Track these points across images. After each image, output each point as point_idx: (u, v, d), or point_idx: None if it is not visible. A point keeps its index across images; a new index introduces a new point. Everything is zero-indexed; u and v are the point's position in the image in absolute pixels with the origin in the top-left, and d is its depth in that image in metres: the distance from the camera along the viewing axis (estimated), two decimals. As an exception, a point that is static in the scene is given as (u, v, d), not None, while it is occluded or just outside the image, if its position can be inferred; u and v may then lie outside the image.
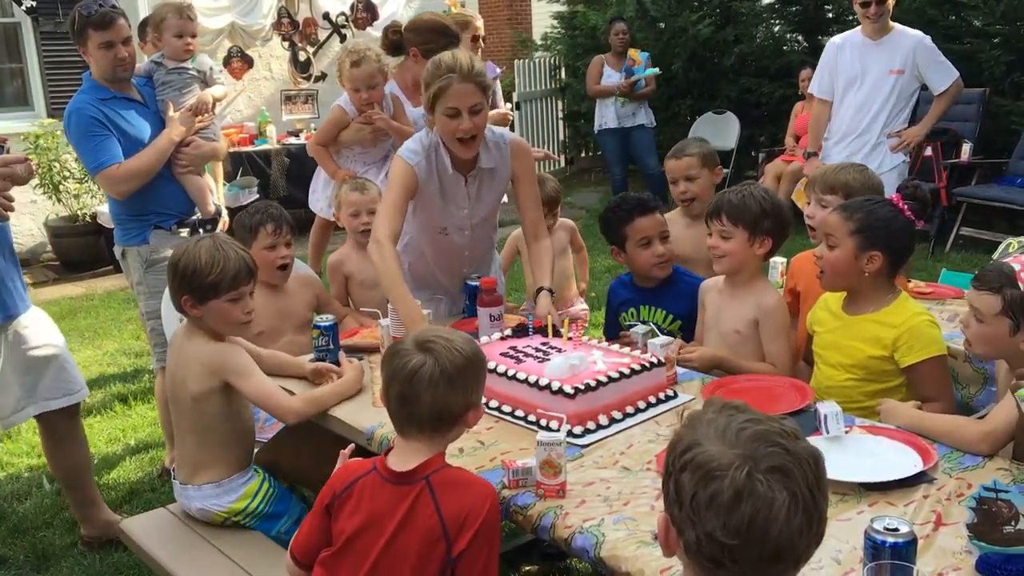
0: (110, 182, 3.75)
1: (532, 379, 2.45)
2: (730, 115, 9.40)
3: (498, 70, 5.81)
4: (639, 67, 8.47)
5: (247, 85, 9.76)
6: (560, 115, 11.85)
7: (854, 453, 2.18)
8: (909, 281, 3.75)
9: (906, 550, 1.57)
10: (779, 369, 2.85)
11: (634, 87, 8.41)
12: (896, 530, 1.59)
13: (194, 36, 3.99)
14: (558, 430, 2.11)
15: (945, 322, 3.29)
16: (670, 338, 2.74)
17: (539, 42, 12.34)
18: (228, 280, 2.60)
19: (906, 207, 2.70)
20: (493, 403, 2.55)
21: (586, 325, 3.28)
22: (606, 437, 2.37)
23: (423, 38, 4.04)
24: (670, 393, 2.58)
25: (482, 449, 2.32)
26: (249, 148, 9.01)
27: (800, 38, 9.92)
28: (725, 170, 9.09)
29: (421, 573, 1.90)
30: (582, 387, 2.38)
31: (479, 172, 3.19)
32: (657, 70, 8.52)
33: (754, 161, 9.32)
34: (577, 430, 2.36)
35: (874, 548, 1.59)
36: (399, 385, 1.97)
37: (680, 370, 2.76)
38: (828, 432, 2.23)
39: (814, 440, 2.21)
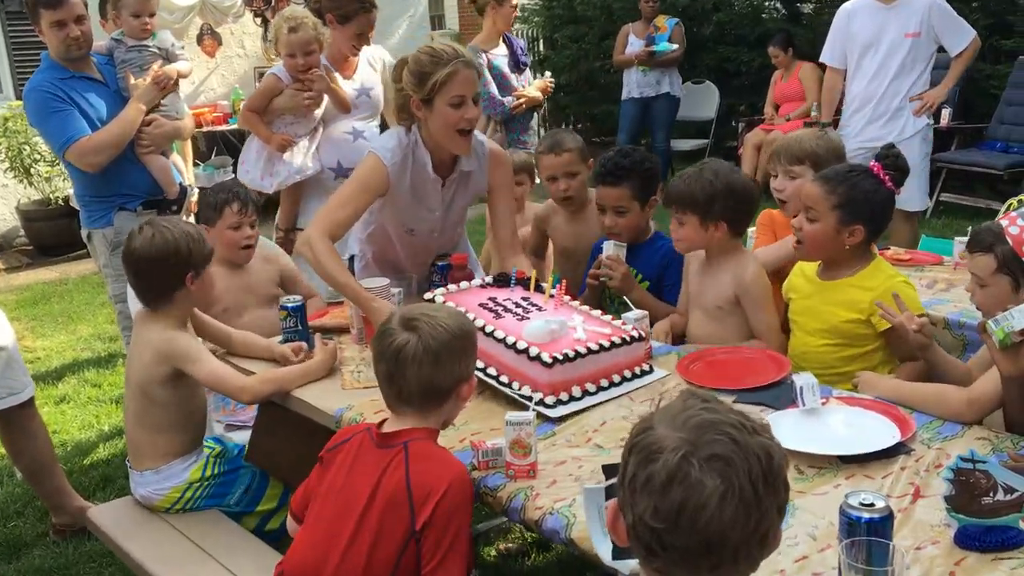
0: (81, 155, 3.65)
1: (510, 340, 2.40)
2: (709, 85, 9.32)
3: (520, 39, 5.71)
4: (663, 35, 8.27)
5: (220, 63, 9.62)
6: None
7: (831, 425, 2.14)
8: (888, 248, 3.72)
9: (882, 526, 1.53)
10: (771, 343, 2.79)
11: (652, 56, 8.27)
12: (872, 505, 1.54)
13: (152, 15, 3.87)
14: (530, 398, 2.07)
15: (924, 288, 3.27)
16: (643, 312, 2.68)
17: (518, 14, 12.20)
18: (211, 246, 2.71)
19: (887, 177, 2.64)
20: None
21: None
22: (579, 411, 2.32)
23: (335, 3, 3.92)
24: (646, 368, 2.53)
25: (452, 430, 2.26)
26: (223, 127, 8.88)
27: (779, 5, 9.82)
28: (705, 141, 9.17)
29: (385, 539, 1.90)
30: (560, 357, 2.32)
31: (458, 176, 3.07)
32: (675, 46, 8.23)
33: (734, 131, 9.25)
34: (550, 400, 2.31)
35: (849, 525, 1.54)
36: (386, 364, 2.00)
37: (655, 343, 2.71)
38: (804, 404, 2.19)
39: (790, 412, 2.20)
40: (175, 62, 3.93)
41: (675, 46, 8.19)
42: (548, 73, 5.81)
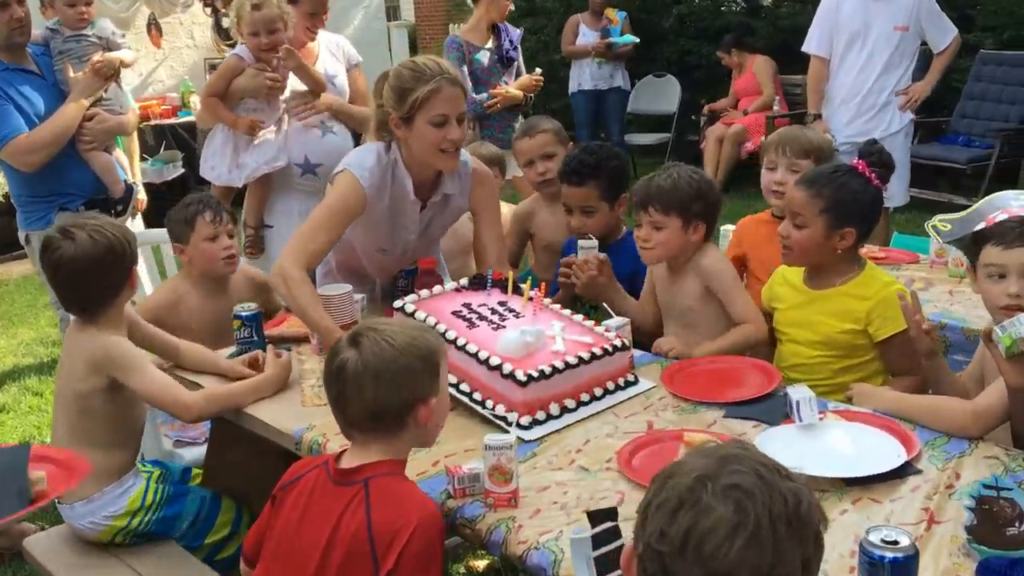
0: (16, 154, 3.42)
1: (483, 355, 2.23)
2: (670, 78, 9.20)
3: (518, 31, 5.48)
4: (615, 27, 8.19)
5: (168, 54, 9.29)
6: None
7: (831, 443, 2.00)
8: (862, 246, 3.61)
9: (908, 566, 1.39)
10: (756, 324, 2.65)
11: (610, 48, 8.14)
12: (895, 543, 1.40)
13: (88, 3, 3.62)
14: (505, 418, 1.90)
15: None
16: (625, 320, 2.53)
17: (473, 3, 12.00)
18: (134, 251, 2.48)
19: (872, 174, 2.52)
20: None
21: None
22: (557, 430, 2.16)
23: None
24: (630, 379, 2.38)
25: (424, 452, 2.08)
26: (172, 120, 8.56)
27: (739, -1, 9.76)
28: (667, 135, 9.07)
29: None
30: (535, 374, 2.16)
31: (440, 199, 2.88)
32: (635, 39, 8.18)
33: (696, 125, 9.16)
34: (525, 420, 2.14)
35: (871, 565, 1.40)
36: (329, 384, 1.82)
37: (637, 353, 2.56)
38: (801, 420, 2.05)
39: (785, 428, 2.06)
40: (116, 51, 3.68)
41: (635, 38, 8.11)
42: (538, 69, 5.59)
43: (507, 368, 2.16)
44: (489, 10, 5.15)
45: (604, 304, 2.70)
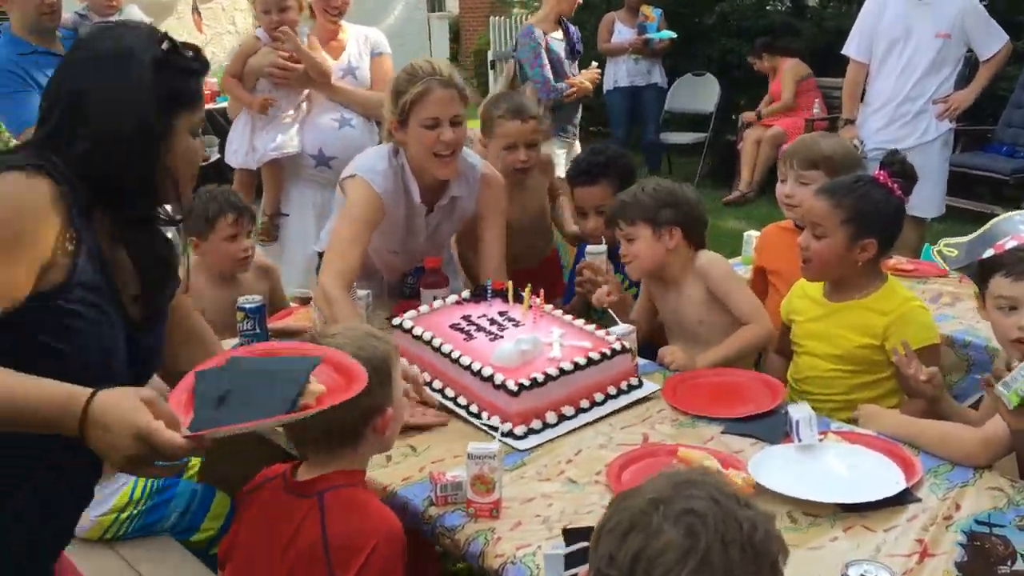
0: None
1: (476, 367, 2.19)
2: (710, 77, 9.07)
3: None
4: (652, 24, 8.09)
5: (210, 40, 9.37)
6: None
7: (828, 465, 1.94)
8: (890, 257, 3.52)
9: (886, 604, 1.33)
10: (760, 322, 2.58)
11: (647, 44, 8.05)
12: (876, 578, 1.34)
13: None
14: (497, 428, 1.85)
15: (928, 302, 3.05)
16: (631, 327, 2.48)
17: (517, 0, 11.96)
18: None
19: (895, 185, 2.44)
20: (437, 384, 2.31)
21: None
22: (553, 439, 2.11)
23: None
24: (634, 383, 2.32)
25: (412, 456, 2.06)
26: (211, 105, 8.59)
27: (785, -1, 9.60)
28: (704, 134, 8.95)
29: None
30: (527, 383, 2.12)
31: (447, 203, 2.83)
32: (672, 34, 8.09)
33: (734, 126, 9.02)
34: (519, 430, 2.10)
35: (850, 601, 1.34)
36: None
37: (642, 361, 2.50)
38: (800, 439, 1.98)
39: (783, 448, 2.00)
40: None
41: (672, 33, 8.03)
42: (595, 64, 5.61)
43: (499, 379, 2.12)
44: (560, 2, 5.22)
45: (610, 311, 2.64)
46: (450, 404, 2.23)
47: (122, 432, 1.25)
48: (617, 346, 2.31)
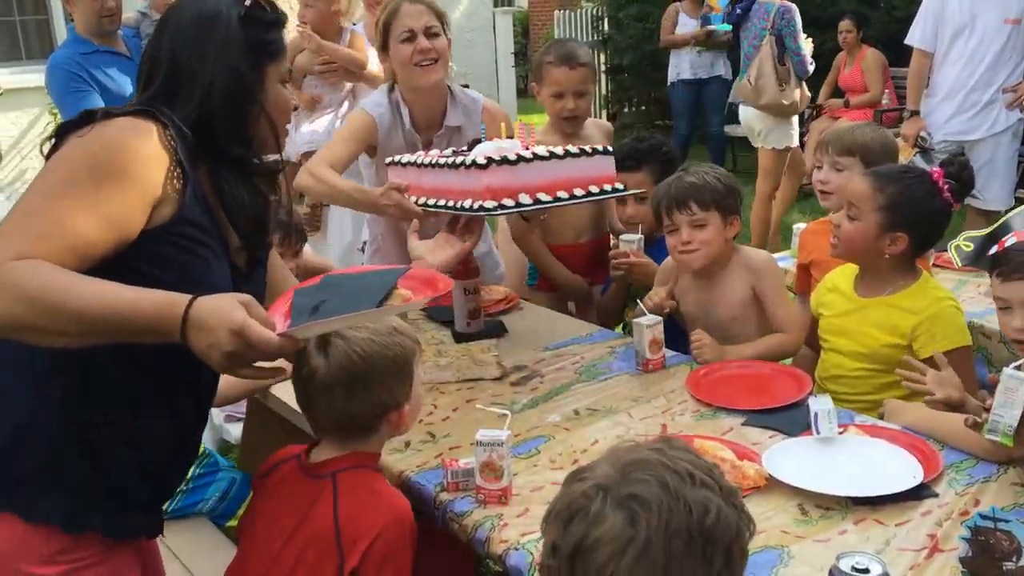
0: None
1: (449, 161, 2.31)
2: (777, 68, 8.91)
3: None
4: (717, 15, 7.97)
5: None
6: (603, 68, 11.44)
7: (845, 459, 1.90)
8: (945, 251, 3.42)
9: (875, 597, 1.30)
10: (794, 334, 2.56)
11: (711, 36, 7.96)
12: (866, 571, 1.32)
13: None
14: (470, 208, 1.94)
15: (981, 296, 3.00)
16: (657, 318, 2.46)
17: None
18: None
19: (946, 186, 2.36)
20: (418, 199, 2.44)
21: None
22: (567, 427, 2.12)
23: None
24: (619, 186, 2.42)
25: (431, 443, 2.09)
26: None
27: (855, -14, 9.36)
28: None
29: None
30: (498, 159, 2.19)
31: (445, 132, 2.90)
32: None
33: (801, 118, 8.84)
34: (490, 204, 2.19)
35: (838, 592, 1.32)
36: (297, 388, 1.80)
37: (669, 353, 2.49)
38: (819, 432, 1.96)
39: (802, 441, 1.97)
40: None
41: None
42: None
43: (469, 160, 2.21)
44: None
45: (638, 300, 2.63)
46: (432, 209, 2.37)
47: (220, 328, 1.31)
48: (599, 147, 2.40)
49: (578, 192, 2.31)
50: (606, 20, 11.32)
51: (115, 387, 1.49)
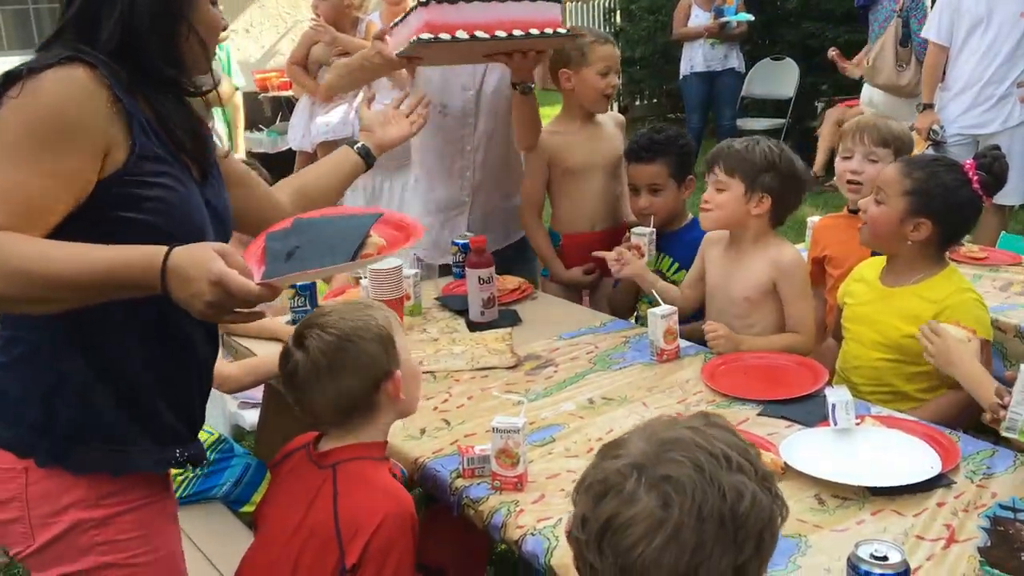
0: None
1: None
2: (789, 61, 8.88)
3: None
4: (730, 8, 7.94)
5: (292, 27, 9.55)
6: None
7: (862, 449, 1.90)
8: (962, 245, 3.41)
9: (895, 585, 1.30)
10: (806, 336, 2.55)
11: (724, 28, 7.94)
12: (885, 559, 1.32)
13: None
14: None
15: (997, 291, 2.99)
16: (672, 307, 2.46)
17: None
18: None
19: (976, 179, 2.34)
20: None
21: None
22: (582, 417, 2.13)
23: None
24: (561, 31, 2.56)
25: (446, 430, 2.09)
26: (289, 92, 8.77)
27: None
28: (782, 120, 8.77)
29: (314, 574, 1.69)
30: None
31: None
32: (750, 16, 7.96)
33: (814, 111, 8.82)
34: (425, 36, 2.44)
35: (857, 580, 1.32)
36: (286, 389, 1.82)
37: (683, 343, 2.49)
38: (836, 423, 1.95)
39: (819, 431, 1.97)
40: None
41: (750, 16, 7.85)
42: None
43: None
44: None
45: (653, 292, 2.62)
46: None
47: (200, 278, 1.32)
48: None
49: (517, 32, 2.45)
50: (618, 12, 11.29)
51: (128, 324, 1.51)
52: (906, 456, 1.85)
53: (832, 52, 7.48)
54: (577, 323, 2.74)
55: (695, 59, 8.06)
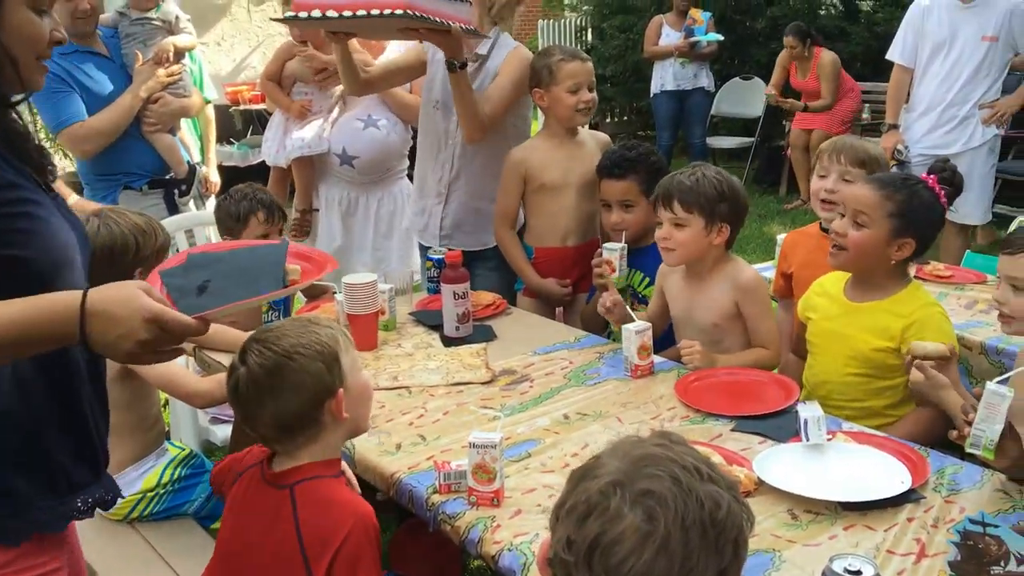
0: (72, 141, 3.56)
1: None
2: (757, 81, 9.00)
3: None
4: (700, 27, 8.03)
5: (263, 40, 9.53)
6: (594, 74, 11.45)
7: (834, 465, 1.92)
8: (928, 263, 3.48)
9: (868, 598, 1.32)
10: (774, 351, 2.59)
11: (694, 48, 8.02)
12: (859, 573, 1.34)
13: None
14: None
15: (962, 309, 3.04)
16: (647, 324, 2.48)
17: (566, 3, 11.96)
18: (164, 239, 2.49)
19: (942, 192, 2.40)
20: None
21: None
22: (558, 432, 2.13)
23: None
24: (398, 12, 2.65)
25: (422, 446, 2.09)
26: (260, 105, 8.75)
27: (836, 2, 9.46)
28: (751, 139, 8.88)
29: None
30: None
31: (472, 56, 3.12)
32: (720, 36, 8.06)
33: (782, 130, 8.94)
34: (303, 14, 2.72)
35: (831, 594, 1.34)
36: (232, 405, 1.77)
37: (657, 359, 2.51)
38: (808, 438, 1.98)
39: (791, 447, 1.99)
40: (178, 35, 3.78)
41: (719, 36, 7.95)
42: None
43: None
44: None
45: (628, 308, 2.65)
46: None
47: (132, 317, 1.25)
48: None
49: (360, 12, 2.67)
50: (590, 30, 11.37)
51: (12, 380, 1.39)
52: (877, 471, 1.87)
53: (768, 90, 7.69)
54: (552, 338, 2.75)
55: (665, 78, 8.14)
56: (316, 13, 2.73)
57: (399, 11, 2.63)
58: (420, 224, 3.46)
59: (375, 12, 2.65)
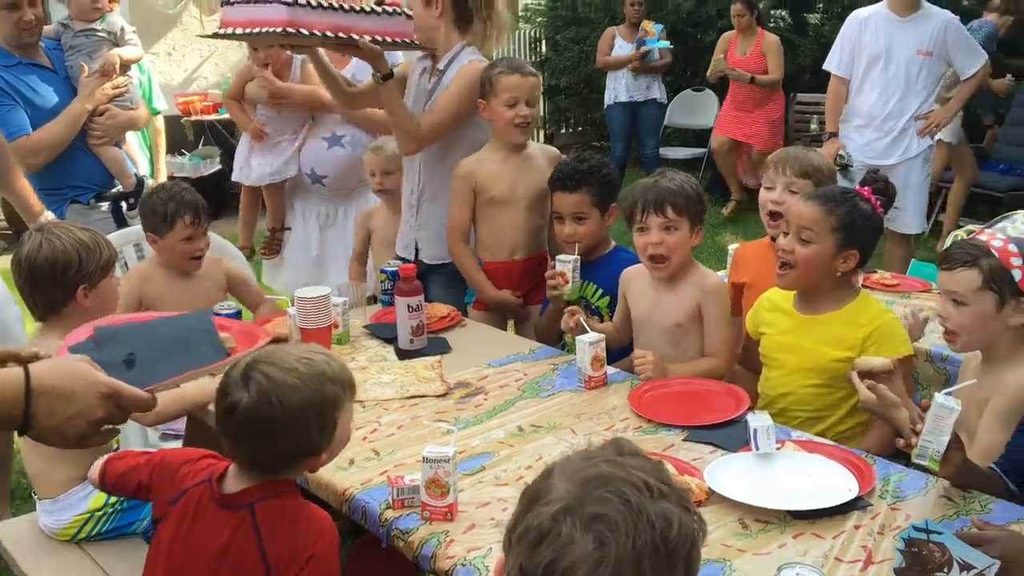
0: (18, 154, 3.49)
1: None
2: (709, 93, 9.11)
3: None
4: (652, 39, 8.05)
5: (214, 52, 9.44)
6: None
7: (783, 473, 1.95)
8: (875, 272, 3.55)
9: (815, 606, 1.34)
10: (723, 361, 2.63)
11: (645, 59, 8.07)
12: (807, 581, 1.36)
13: None
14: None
15: (909, 316, 3.08)
16: (600, 335, 2.49)
17: (520, 14, 11.99)
18: (109, 254, 2.45)
19: (878, 202, 2.47)
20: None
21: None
22: (512, 444, 2.14)
23: None
24: (409, 40, 2.96)
25: (375, 460, 2.08)
26: (212, 116, 8.68)
27: (785, 15, 9.61)
28: (703, 150, 8.97)
29: None
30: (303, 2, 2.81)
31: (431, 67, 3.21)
32: (669, 44, 8.10)
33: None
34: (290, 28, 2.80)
35: (779, 603, 1.36)
36: (218, 415, 1.68)
37: (611, 370, 2.53)
38: (758, 448, 2.00)
39: (741, 456, 2.01)
40: (123, 47, 3.73)
41: (668, 43, 8.02)
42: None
43: None
44: None
45: (581, 320, 2.66)
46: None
47: (87, 394, 1.16)
48: (400, 9, 3.05)
49: (238, 31, 2.92)
50: (544, 42, 11.41)
51: None
52: (825, 479, 1.91)
53: (718, 55, 7.73)
54: (506, 350, 2.76)
55: (618, 89, 8.19)
56: (227, 30, 2.96)
57: (278, 29, 2.80)
58: (400, 238, 3.42)
59: (257, 31, 2.86)
